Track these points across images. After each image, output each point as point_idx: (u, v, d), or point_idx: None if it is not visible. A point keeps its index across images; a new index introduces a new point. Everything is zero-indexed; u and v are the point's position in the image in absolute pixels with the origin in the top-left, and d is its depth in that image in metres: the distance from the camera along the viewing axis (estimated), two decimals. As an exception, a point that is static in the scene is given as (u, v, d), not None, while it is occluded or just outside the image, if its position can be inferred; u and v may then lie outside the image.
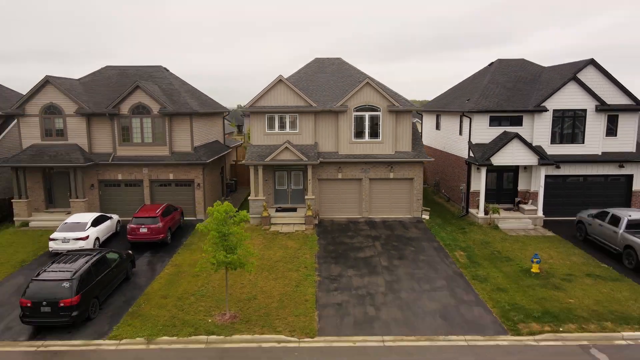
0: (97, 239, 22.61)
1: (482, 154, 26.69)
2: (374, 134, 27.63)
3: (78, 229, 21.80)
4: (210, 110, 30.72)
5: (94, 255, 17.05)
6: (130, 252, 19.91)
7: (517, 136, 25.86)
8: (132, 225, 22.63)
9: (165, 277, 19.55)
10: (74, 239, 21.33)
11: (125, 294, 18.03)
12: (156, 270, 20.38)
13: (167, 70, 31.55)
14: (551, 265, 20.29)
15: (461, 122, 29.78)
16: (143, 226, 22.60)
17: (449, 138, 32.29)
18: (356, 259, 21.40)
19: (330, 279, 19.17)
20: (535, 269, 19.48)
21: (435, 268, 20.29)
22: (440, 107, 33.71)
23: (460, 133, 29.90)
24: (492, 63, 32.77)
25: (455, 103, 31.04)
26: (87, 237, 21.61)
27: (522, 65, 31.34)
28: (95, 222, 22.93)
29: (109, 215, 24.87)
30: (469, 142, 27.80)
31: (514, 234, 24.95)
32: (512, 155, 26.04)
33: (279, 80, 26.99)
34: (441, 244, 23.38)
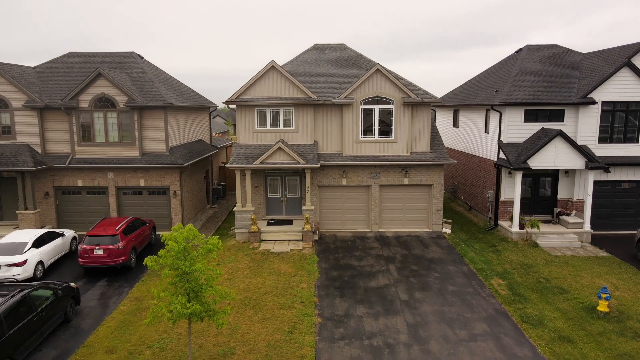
0: (41, 263, 17.98)
1: (516, 155, 22.07)
2: (386, 131, 23.02)
3: (13, 252, 17.16)
4: (192, 104, 26.07)
5: (11, 296, 12.39)
6: (72, 284, 15.25)
7: (561, 134, 21.23)
8: (85, 247, 17.99)
9: (119, 318, 14.92)
10: (5, 265, 16.70)
11: (59, 345, 13.38)
12: (108, 308, 15.74)
13: (141, 58, 26.92)
14: (620, 301, 15.67)
15: (487, 118, 25.16)
16: (98, 247, 17.96)
17: (471, 137, 27.66)
18: (367, 290, 16.77)
19: (334, 321, 14.54)
20: (603, 307, 14.85)
21: (470, 304, 15.66)
22: (459, 101, 29.07)
23: (486, 131, 25.29)
24: (519, 50, 28.15)
25: (479, 96, 26.41)
26: (24, 262, 16.98)
27: (555, 51, 26.73)
28: (39, 242, 18.31)
29: (59, 231, 20.21)
30: (499, 141, 23.17)
31: (558, 254, 20.32)
32: (553, 157, 21.42)
33: (271, 67, 22.37)
34: (472, 268, 18.76)
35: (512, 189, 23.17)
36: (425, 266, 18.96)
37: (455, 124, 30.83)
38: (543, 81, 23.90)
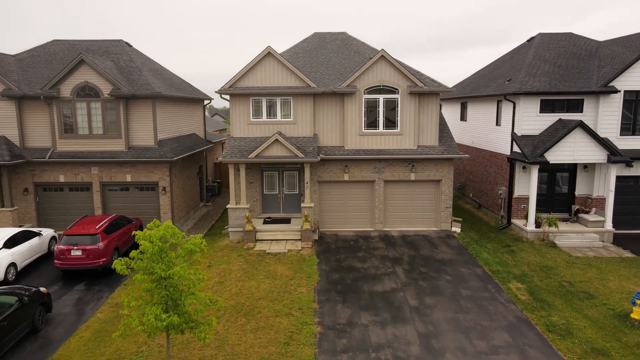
0: (13, 265, 16.35)
1: (532, 148, 20.44)
2: (391, 123, 21.39)
3: (-20, 253, 15.52)
4: (183, 95, 24.44)
5: (-35, 305, 10.77)
6: (42, 289, 13.61)
7: (581, 124, 19.62)
8: (61, 247, 16.36)
9: (94, 327, 13.30)
10: (-29, 268, 15.07)
11: (23, 359, 11.75)
12: (84, 315, 14.12)
13: (130, 46, 25.28)
14: (655, 307, 14.03)
15: (499, 109, 23.54)
16: (76, 247, 16.33)
17: (481, 131, 26.04)
18: (372, 295, 15.14)
19: (336, 330, 12.92)
20: (638, 314, 13.22)
21: (487, 310, 14.03)
22: (468, 93, 27.43)
23: (498, 123, 23.66)
24: (531, 38, 26.52)
25: (490, 86, 24.78)
26: (-8, 265, 15.36)
27: (570, 39, 25.09)
28: (12, 242, 16.69)
29: (36, 230, 18.59)
30: (513, 134, 21.54)
31: (579, 255, 18.69)
32: (573, 150, 19.81)
33: (267, 53, 20.74)
34: (486, 270, 17.12)
35: (527, 185, 21.57)
36: (435, 268, 17.33)
37: (463, 117, 29.21)
38: (559, 69, 22.27)
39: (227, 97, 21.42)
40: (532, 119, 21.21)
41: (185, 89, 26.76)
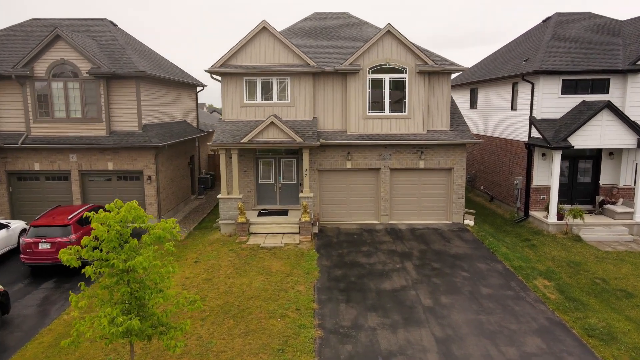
0: (-27, 260, 14.47)
1: (554, 132, 18.58)
2: (398, 105, 19.52)
3: None
4: (171, 77, 22.55)
5: None
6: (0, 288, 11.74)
7: (609, 106, 17.78)
8: (28, 240, 14.49)
9: (57, 331, 11.44)
10: None
11: (-33, 370, 9.90)
12: (48, 317, 12.26)
13: (114, 25, 23.39)
14: None
15: (514, 92, 21.68)
16: (44, 240, 14.46)
17: (494, 117, 24.17)
18: (379, 294, 13.27)
19: (339, 335, 11.05)
20: (691, 315, 11.36)
21: (513, 311, 12.16)
22: (478, 77, 25.54)
23: (513, 107, 21.80)
24: (547, 18, 24.63)
25: (504, 68, 22.91)
26: (-53, 259, 13.48)
27: (589, 18, 23.21)
28: (-27, 234, 14.81)
29: (4, 222, 16.72)
30: (532, 117, 19.68)
31: (608, 249, 16.83)
32: (599, 134, 17.97)
33: (262, 28, 18.87)
34: (507, 265, 15.24)
35: (547, 174, 19.73)
36: (449, 263, 15.45)
37: (473, 104, 27.35)
38: (581, 48, 20.41)
39: (219, 78, 19.54)
40: (553, 101, 19.35)
41: (175, 73, 24.87)
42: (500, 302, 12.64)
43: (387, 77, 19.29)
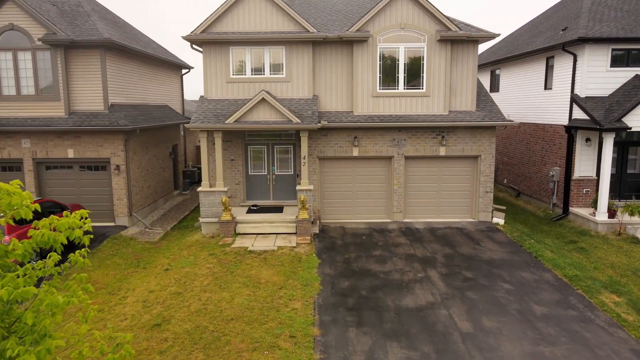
0: None
1: (604, 112, 15.40)
2: (414, 80, 16.34)
3: None
4: (147, 51, 19.34)
5: None
6: None
7: (674, 78, 14.59)
8: (-54, 241, 11.25)
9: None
10: None
11: None
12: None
13: (83, -8, 20.13)
14: None
15: (548, 69, 18.52)
16: (-32, 243, 11.22)
17: (522, 99, 20.99)
18: (400, 313, 10.08)
19: (349, 377, 7.87)
20: None
21: (584, 339, 8.96)
22: (502, 55, 22.33)
23: (548, 86, 18.62)
24: (582, -13, 21.41)
25: (536, 42, 19.71)
26: None
27: (631, -14, 20.00)
28: None
29: None
30: (574, 95, 16.50)
31: (678, 254, 13.65)
32: (662, 113, 14.77)
33: (252, -13, 15.69)
34: (558, 275, 12.05)
35: (591, 163, 16.60)
36: (484, 272, 12.26)
37: (494, 87, 24.17)
38: (629, 15, 17.23)
39: (201, 49, 16.35)
40: (600, 75, 16.18)
41: (156, 49, 21.66)
42: (563, 327, 9.45)
43: (402, 46, 16.09)
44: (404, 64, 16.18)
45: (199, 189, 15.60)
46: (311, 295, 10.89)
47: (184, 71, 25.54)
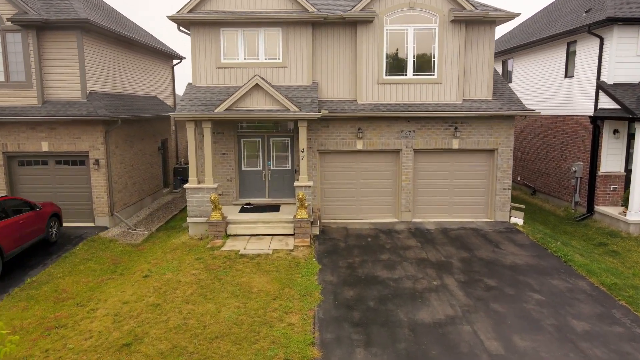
0: None
1: (636, 100, 13.87)
2: (425, 66, 14.79)
3: None
4: (131, 36, 17.78)
5: None
6: None
7: None
8: None
9: None
10: None
11: None
12: None
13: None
14: None
15: (569, 55, 16.99)
16: None
17: (539, 89, 19.46)
18: (415, 330, 8.53)
19: (358, 415, 6.31)
20: None
21: (639, 363, 7.43)
22: (517, 42, 20.79)
23: (569, 74, 17.09)
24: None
25: (555, 26, 18.17)
26: None
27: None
28: None
29: None
30: (600, 83, 14.97)
31: None
32: (702, 101, 13.23)
33: (245, -39, 14.13)
34: (594, 283, 10.51)
35: (620, 157, 15.10)
36: (508, 279, 10.72)
37: (506, 78, 22.63)
38: (658, -5, 15.69)
39: (189, 31, 14.80)
40: (630, 60, 14.68)
41: (143, 36, 20.11)
42: (611, 347, 7.91)
43: (411, 28, 14.54)
44: (413, 47, 14.63)
45: (186, 185, 14.05)
46: (310, 308, 9.35)
47: (175, 62, 24.03)
